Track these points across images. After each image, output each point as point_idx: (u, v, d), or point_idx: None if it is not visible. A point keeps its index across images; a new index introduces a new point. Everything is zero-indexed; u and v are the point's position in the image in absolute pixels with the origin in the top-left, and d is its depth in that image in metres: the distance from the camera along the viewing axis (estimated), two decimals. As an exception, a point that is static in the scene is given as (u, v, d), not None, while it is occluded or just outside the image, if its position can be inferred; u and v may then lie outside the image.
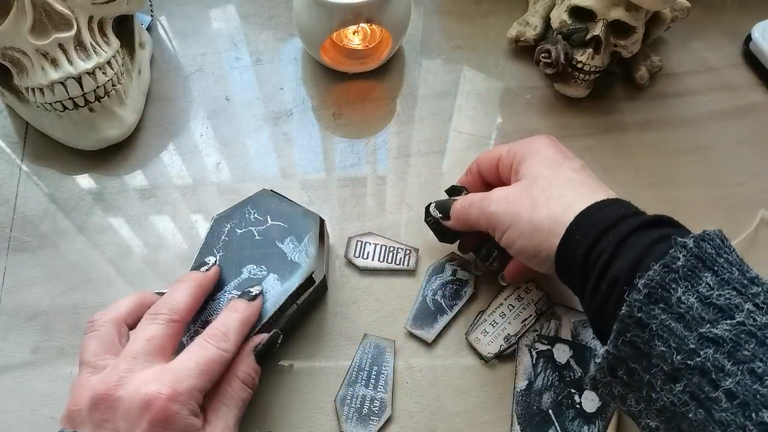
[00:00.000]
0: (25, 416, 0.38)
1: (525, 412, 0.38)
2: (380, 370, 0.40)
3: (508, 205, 0.34)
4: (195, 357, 0.31)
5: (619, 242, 0.29)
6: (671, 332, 0.25)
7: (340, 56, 0.53)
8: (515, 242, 0.34)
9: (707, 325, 0.24)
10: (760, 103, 0.54)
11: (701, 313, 0.24)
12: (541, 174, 0.34)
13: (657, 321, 0.25)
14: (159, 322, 0.32)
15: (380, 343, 0.41)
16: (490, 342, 0.41)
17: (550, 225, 0.32)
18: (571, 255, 0.31)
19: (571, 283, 0.33)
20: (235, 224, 0.38)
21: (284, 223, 0.38)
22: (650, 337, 0.26)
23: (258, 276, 0.36)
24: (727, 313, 0.24)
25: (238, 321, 0.33)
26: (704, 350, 0.24)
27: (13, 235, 0.45)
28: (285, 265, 0.37)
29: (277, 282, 0.36)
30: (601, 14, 0.47)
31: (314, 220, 0.39)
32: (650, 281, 0.26)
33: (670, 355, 0.25)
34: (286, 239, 0.38)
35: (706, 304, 0.25)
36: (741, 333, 0.24)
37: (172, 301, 0.33)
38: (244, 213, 0.39)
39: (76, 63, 0.43)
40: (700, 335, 0.24)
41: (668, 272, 0.25)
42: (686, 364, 0.24)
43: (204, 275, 0.35)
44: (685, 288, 0.25)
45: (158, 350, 0.31)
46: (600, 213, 0.31)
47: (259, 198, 0.40)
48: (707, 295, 0.25)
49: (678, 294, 0.25)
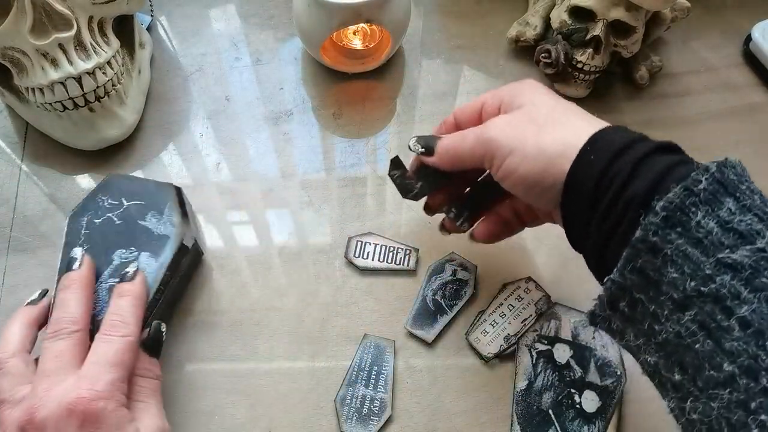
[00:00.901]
0: (25, 416, 0.38)
1: (525, 412, 0.38)
2: (380, 370, 0.40)
3: (510, 129, 0.31)
4: (103, 354, 0.31)
5: (637, 162, 0.27)
6: (687, 258, 0.23)
7: (340, 56, 0.53)
8: (516, 169, 0.31)
9: (726, 251, 0.23)
10: (761, 103, 0.54)
11: (720, 238, 0.23)
12: (542, 101, 0.32)
13: (673, 245, 0.24)
14: (62, 336, 0.32)
15: (380, 343, 0.41)
16: (490, 342, 0.41)
17: (558, 148, 0.29)
18: (582, 178, 0.28)
19: (575, 213, 0.30)
20: (91, 215, 0.38)
21: (140, 201, 0.39)
22: (663, 264, 0.24)
23: (130, 258, 0.37)
24: (748, 239, 0.23)
25: (130, 303, 0.34)
26: (721, 276, 0.23)
27: (13, 235, 0.45)
28: (153, 240, 0.38)
29: (151, 258, 0.37)
30: (601, 14, 0.47)
31: (169, 190, 0.40)
32: (669, 203, 0.24)
33: (682, 281, 0.23)
34: (147, 215, 0.38)
35: (726, 229, 0.23)
36: (761, 259, 0.22)
37: (68, 312, 0.33)
38: (97, 202, 0.39)
39: (76, 63, 0.43)
40: (717, 260, 0.23)
41: (689, 195, 0.24)
42: (699, 290, 0.23)
43: (82, 273, 0.35)
44: (705, 212, 0.24)
45: (69, 363, 0.31)
46: (614, 135, 0.29)
47: (108, 183, 0.40)
48: (728, 220, 0.23)
49: (698, 218, 0.23)
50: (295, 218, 0.46)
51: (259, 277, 0.44)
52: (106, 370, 0.31)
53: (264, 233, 0.46)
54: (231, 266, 0.44)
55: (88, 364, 0.31)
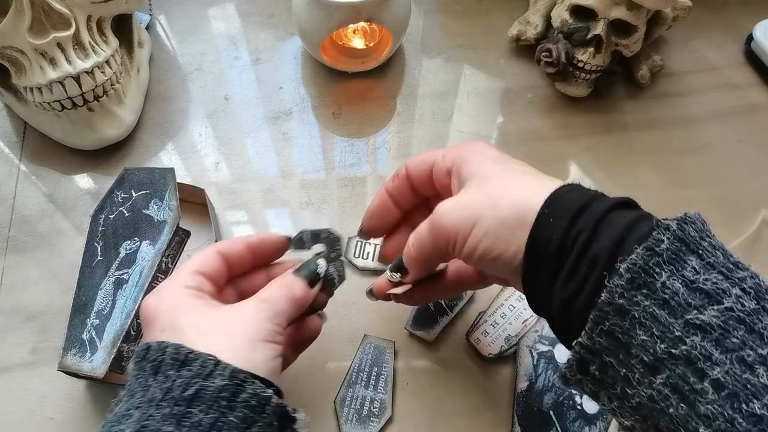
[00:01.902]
0: (24, 417, 0.38)
1: (526, 413, 0.38)
2: (380, 371, 0.40)
3: (463, 210, 0.30)
4: None
5: (598, 220, 0.26)
6: (655, 319, 0.23)
7: (340, 55, 0.52)
8: (478, 245, 0.29)
9: (694, 311, 0.22)
10: (762, 103, 0.54)
11: (687, 299, 0.23)
12: (491, 171, 0.31)
13: (639, 308, 0.23)
14: None
15: (380, 344, 0.41)
16: (491, 343, 0.41)
17: (517, 215, 0.28)
18: (545, 241, 0.28)
19: (538, 277, 0.28)
20: (107, 212, 0.39)
21: (146, 190, 0.40)
22: (631, 326, 0.24)
23: (133, 249, 0.38)
24: (715, 299, 0.23)
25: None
26: (690, 338, 0.22)
27: (11, 235, 0.45)
28: (153, 228, 0.38)
29: (150, 246, 0.38)
30: (602, 13, 0.47)
31: (170, 174, 0.40)
32: (633, 265, 0.24)
33: (652, 344, 0.23)
34: (150, 203, 0.39)
35: (692, 289, 0.23)
36: (730, 319, 0.22)
37: None
38: (113, 198, 0.40)
39: (74, 62, 0.42)
40: (686, 322, 0.22)
41: (652, 255, 0.24)
42: (670, 353, 0.23)
43: None
44: (669, 272, 0.23)
45: None
46: (570, 194, 0.28)
47: (122, 178, 0.41)
48: (693, 280, 0.23)
49: (663, 279, 0.23)
50: (295, 218, 0.46)
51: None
52: None
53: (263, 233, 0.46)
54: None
55: None
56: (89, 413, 0.39)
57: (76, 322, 0.36)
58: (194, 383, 0.25)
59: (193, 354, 0.26)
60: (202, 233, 0.43)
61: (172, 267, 0.38)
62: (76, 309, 0.37)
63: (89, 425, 0.38)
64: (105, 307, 0.36)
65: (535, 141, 0.50)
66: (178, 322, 0.28)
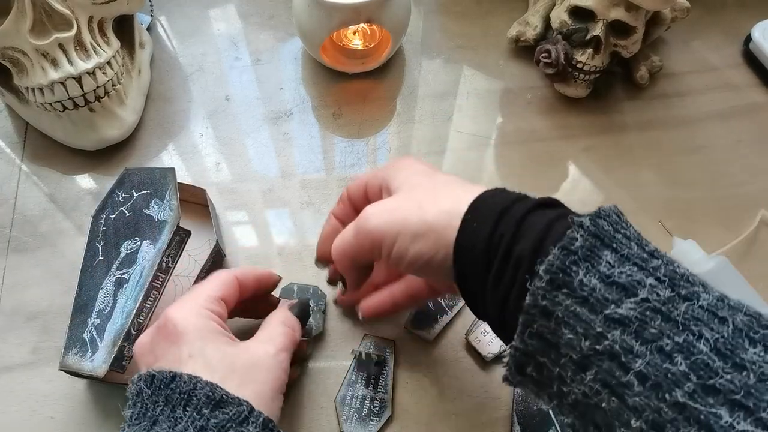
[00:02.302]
0: (25, 416, 0.38)
1: (525, 412, 0.38)
2: (380, 370, 0.40)
3: (390, 214, 0.31)
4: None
5: (518, 222, 0.27)
6: (577, 317, 0.24)
7: (340, 56, 0.53)
8: (408, 250, 0.30)
9: (612, 306, 0.23)
10: (761, 103, 0.54)
11: (605, 294, 0.23)
12: (418, 182, 0.32)
13: (562, 307, 0.24)
14: None
15: (380, 344, 0.41)
16: (491, 342, 0.41)
17: (444, 219, 0.29)
18: (471, 244, 0.28)
19: (470, 282, 0.29)
20: (108, 212, 0.40)
21: (147, 190, 0.40)
22: (557, 326, 0.24)
23: (134, 248, 0.38)
24: (630, 291, 0.23)
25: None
26: (611, 332, 0.23)
27: (12, 235, 0.45)
28: (154, 227, 0.38)
29: (150, 246, 0.38)
30: (601, 14, 0.47)
31: (171, 174, 0.40)
32: (551, 266, 0.24)
33: (577, 342, 0.23)
34: (151, 203, 0.39)
35: (608, 284, 0.23)
36: (646, 310, 0.22)
37: None
38: (114, 198, 0.40)
39: (76, 63, 0.43)
40: (605, 317, 0.23)
41: (567, 254, 0.24)
42: (595, 349, 0.23)
43: None
44: (585, 269, 0.24)
45: None
46: (493, 199, 0.29)
47: (122, 178, 0.41)
48: (608, 274, 0.23)
49: (579, 276, 0.24)
50: (295, 218, 0.46)
51: (259, 277, 0.44)
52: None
53: (264, 233, 0.46)
54: (231, 266, 0.44)
55: None
56: (90, 413, 0.39)
57: (77, 321, 0.36)
58: (229, 427, 0.27)
59: (228, 397, 0.28)
60: (202, 233, 0.43)
61: (173, 266, 0.38)
62: (77, 309, 0.37)
63: (90, 425, 0.38)
64: (106, 306, 0.36)
65: (534, 141, 0.51)
66: (207, 355, 0.30)
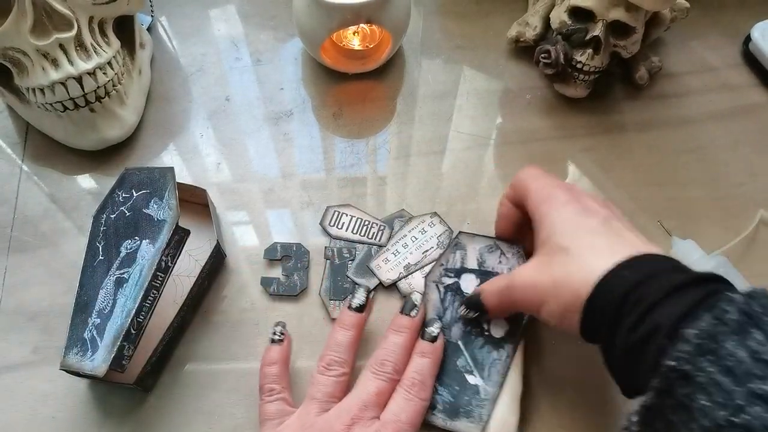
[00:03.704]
0: (26, 416, 0.39)
1: None
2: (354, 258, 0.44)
3: (532, 290, 0.33)
4: (405, 410, 0.34)
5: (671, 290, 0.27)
6: (718, 386, 0.24)
7: (340, 56, 0.53)
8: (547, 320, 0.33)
9: (757, 381, 0.23)
10: (760, 104, 0.54)
11: (751, 368, 0.23)
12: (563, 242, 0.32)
13: (704, 374, 0.24)
14: (384, 379, 0.35)
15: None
16: (390, 269, 0.43)
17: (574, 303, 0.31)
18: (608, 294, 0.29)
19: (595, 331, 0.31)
20: (108, 212, 0.40)
21: (146, 190, 0.40)
22: (694, 390, 0.24)
23: (134, 248, 0.38)
24: None
25: (431, 365, 0.36)
26: (752, 407, 0.23)
27: (13, 234, 0.45)
28: (153, 227, 0.38)
29: (150, 245, 0.38)
30: (601, 15, 0.47)
31: (170, 174, 0.40)
32: (701, 332, 0.25)
33: (712, 410, 0.24)
34: (150, 203, 0.39)
35: (756, 359, 0.24)
36: None
37: (395, 361, 0.35)
38: (114, 198, 0.40)
39: (76, 63, 0.43)
40: (749, 390, 0.23)
41: (719, 324, 0.25)
42: (730, 421, 0.23)
43: (415, 323, 0.38)
44: (735, 341, 0.24)
45: (382, 405, 0.34)
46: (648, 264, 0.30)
47: (122, 178, 0.41)
48: (758, 350, 0.24)
49: (728, 346, 0.24)
50: (296, 218, 0.46)
51: (260, 277, 0.44)
52: (404, 428, 0.33)
53: (264, 233, 0.46)
54: (231, 266, 0.44)
55: (390, 414, 0.34)
56: (91, 412, 0.39)
57: (77, 321, 0.36)
58: None
59: None
60: (203, 233, 0.43)
61: (172, 266, 0.38)
62: (77, 308, 0.37)
63: (91, 424, 0.38)
64: (106, 306, 0.36)
65: (533, 141, 0.51)
66: None
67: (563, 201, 0.34)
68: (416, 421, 0.34)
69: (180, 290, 0.41)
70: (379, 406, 0.34)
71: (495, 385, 0.37)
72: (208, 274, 0.42)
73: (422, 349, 0.37)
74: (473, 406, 0.37)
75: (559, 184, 0.36)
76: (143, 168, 0.41)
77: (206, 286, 0.43)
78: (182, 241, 0.39)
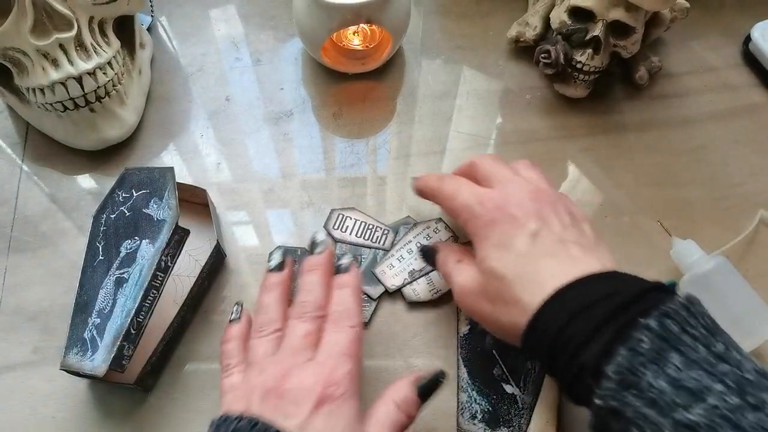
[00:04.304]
0: (26, 416, 0.39)
1: (470, 354, 0.39)
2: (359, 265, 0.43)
3: (474, 305, 0.34)
4: (338, 342, 0.33)
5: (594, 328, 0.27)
6: (646, 419, 0.24)
7: (340, 57, 0.53)
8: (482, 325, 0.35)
9: (680, 410, 0.24)
10: (760, 104, 0.54)
11: (673, 398, 0.24)
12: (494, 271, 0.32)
13: (631, 407, 0.25)
14: (307, 319, 0.34)
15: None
16: (395, 275, 0.43)
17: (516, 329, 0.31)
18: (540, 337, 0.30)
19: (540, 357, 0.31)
20: (108, 212, 0.40)
21: (146, 189, 0.40)
22: (627, 425, 0.25)
23: (133, 248, 0.38)
24: (699, 396, 0.24)
25: (350, 294, 0.36)
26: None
27: (13, 235, 0.45)
28: (153, 226, 0.38)
29: (150, 245, 0.38)
30: (601, 15, 0.47)
31: (170, 173, 0.40)
32: (619, 367, 0.25)
33: None
34: (150, 203, 0.39)
35: (676, 387, 0.24)
36: (715, 417, 0.23)
37: (314, 299, 0.35)
38: (114, 198, 0.40)
39: (76, 63, 0.43)
40: (675, 421, 0.24)
41: (635, 356, 0.25)
42: None
43: (325, 258, 0.37)
44: (654, 372, 0.25)
45: (312, 345, 0.33)
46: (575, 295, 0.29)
47: (122, 178, 0.41)
48: (677, 378, 0.24)
49: (648, 378, 0.25)
50: (296, 218, 0.46)
51: (260, 277, 0.44)
52: (342, 361, 0.32)
53: (264, 233, 0.46)
54: (231, 266, 0.44)
55: (322, 353, 0.33)
56: (91, 412, 0.39)
57: (77, 321, 0.36)
58: None
59: None
60: (203, 233, 0.43)
61: (172, 265, 0.39)
62: (77, 308, 0.37)
63: (91, 424, 0.38)
64: (106, 306, 0.36)
65: (533, 142, 0.51)
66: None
67: (490, 219, 0.34)
68: (352, 351, 0.33)
69: (180, 290, 0.41)
70: (311, 346, 0.33)
71: (532, 394, 0.37)
72: (208, 274, 0.42)
73: (338, 282, 0.36)
74: (512, 415, 0.37)
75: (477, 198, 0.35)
76: (143, 168, 0.41)
77: (206, 286, 0.43)
78: (182, 241, 0.39)
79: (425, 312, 0.42)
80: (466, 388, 0.38)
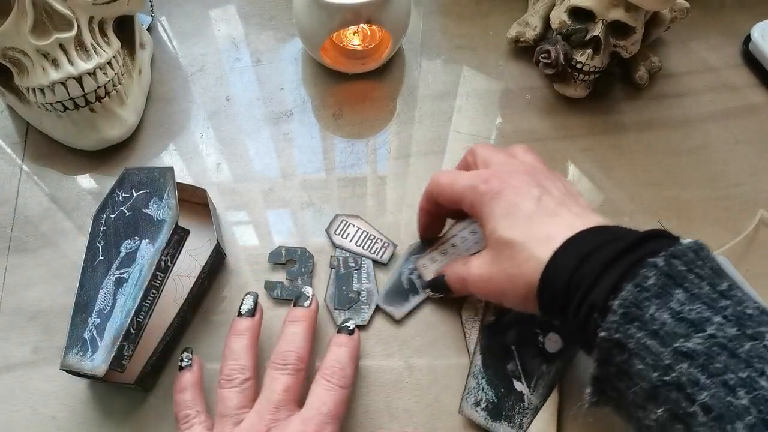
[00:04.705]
0: (26, 416, 0.39)
1: (490, 344, 0.40)
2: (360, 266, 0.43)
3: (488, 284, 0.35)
4: (326, 402, 0.33)
5: (602, 268, 0.28)
6: (647, 349, 0.25)
7: (340, 57, 0.53)
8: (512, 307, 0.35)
9: (680, 339, 0.25)
10: (760, 104, 0.54)
11: (674, 328, 0.25)
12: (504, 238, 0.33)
13: (634, 339, 0.26)
14: (290, 372, 0.34)
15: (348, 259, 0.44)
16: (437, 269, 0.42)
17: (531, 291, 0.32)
18: (553, 285, 0.31)
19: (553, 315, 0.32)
20: (108, 212, 0.40)
21: (146, 189, 0.40)
22: (629, 357, 0.26)
23: (133, 248, 0.38)
24: (699, 327, 0.25)
25: (347, 355, 0.36)
26: (679, 365, 0.24)
27: (13, 235, 0.45)
28: (153, 226, 0.38)
29: (149, 245, 0.38)
30: (601, 15, 0.47)
31: (170, 173, 0.40)
32: (624, 301, 0.26)
33: (647, 372, 0.25)
34: (150, 203, 0.39)
35: (678, 319, 0.25)
36: (713, 345, 0.24)
37: (297, 349, 0.35)
38: (114, 198, 0.40)
39: (76, 63, 0.43)
40: (674, 350, 0.25)
41: (640, 291, 0.26)
42: (663, 380, 0.25)
43: (311, 312, 0.37)
44: (657, 305, 0.26)
45: (294, 399, 0.34)
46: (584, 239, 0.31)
47: (122, 178, 0.41)
48: (678, 311, 0.25)
49: (651, 311, 0.26)
50: (296, 218, 0.47)
51: (260, 277, 0.44)
52: (327, 420, 0.32)
53: (264, 233, 0.46)
54: (231, 266, 0.44)
55: (310, 408, 0.33)
56: (91, 412, 0.39)
57: (77, 321, 0.36)
58: None
59: None
60: (203, 233, 0.43)
61: (172, 265, 0.39)
62: (77, 308, 0.37)
63: (91, 424, 0.38)
64: (106, 306, 0.36)
65: (533, 142, 0.51)
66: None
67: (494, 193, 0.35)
68: (339, 412, 0.33)
69: (180, 290, 0.41)
70: (292, 402, 0.33)
71: (540, 397, 0.38)
72: (208, 274, 0.42)
73: (339, 341, 0.37)
74: (515, 412, 0.37)
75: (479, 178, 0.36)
76: (143, 168, 0.41)
77: (206, 286, 0.43)
78: (182, 241, 0.39)
79: (425, 312, 0.42)
80: (476, 375, 0.39)
